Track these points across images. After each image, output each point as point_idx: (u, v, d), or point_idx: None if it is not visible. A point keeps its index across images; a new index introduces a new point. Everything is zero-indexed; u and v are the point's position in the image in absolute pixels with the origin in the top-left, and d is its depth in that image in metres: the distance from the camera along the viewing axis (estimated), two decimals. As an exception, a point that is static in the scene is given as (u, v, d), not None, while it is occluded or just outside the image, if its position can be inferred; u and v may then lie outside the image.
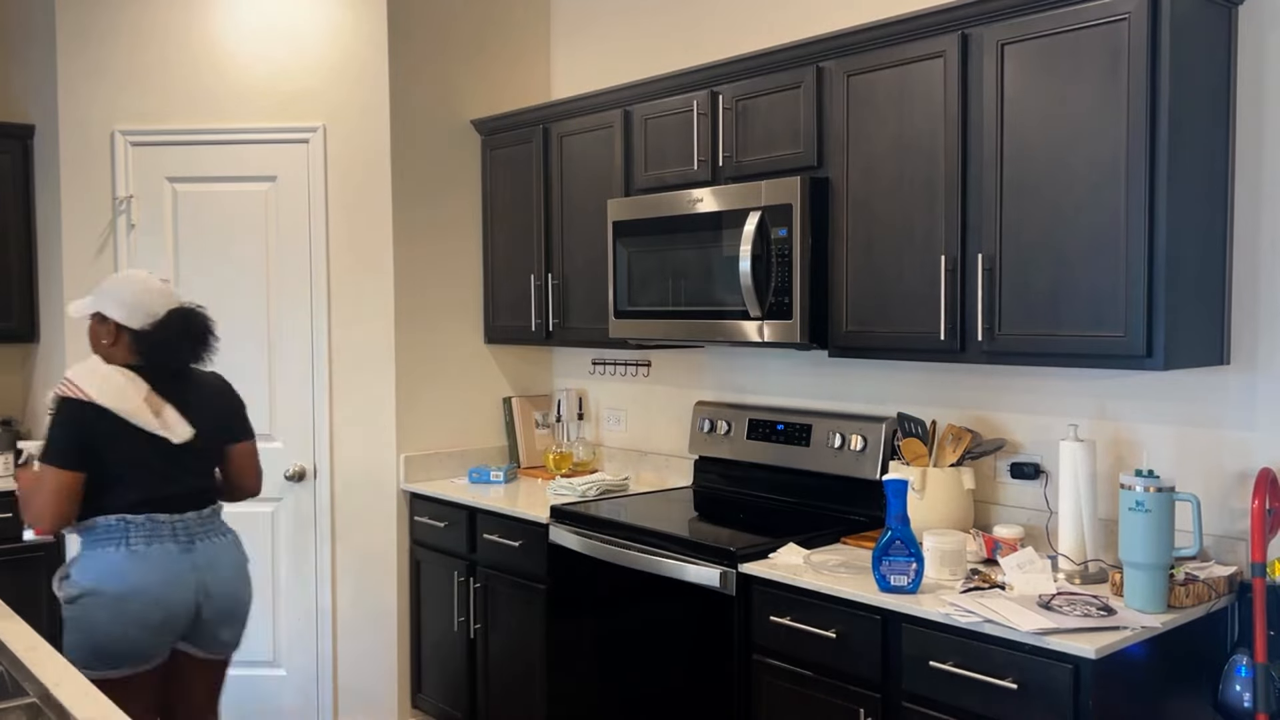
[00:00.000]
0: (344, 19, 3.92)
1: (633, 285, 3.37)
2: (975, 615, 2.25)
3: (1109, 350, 2.38)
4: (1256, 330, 2.48)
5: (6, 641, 2.05)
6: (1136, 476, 2.29)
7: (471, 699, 3.75)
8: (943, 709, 2.32)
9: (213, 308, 3.90)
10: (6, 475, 4.20)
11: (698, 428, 3.64)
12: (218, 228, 3.96)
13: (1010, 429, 2.92)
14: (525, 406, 4.28)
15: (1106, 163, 2.37)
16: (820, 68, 2.94)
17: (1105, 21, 2.35)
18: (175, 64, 3.94)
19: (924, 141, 2.70)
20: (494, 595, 3.63)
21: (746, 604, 2.74)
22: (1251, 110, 2.48)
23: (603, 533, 3.16)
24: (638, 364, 4.05)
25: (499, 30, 4.24)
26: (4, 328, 4.22)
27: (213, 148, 3.95)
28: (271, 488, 3.96)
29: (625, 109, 3.52)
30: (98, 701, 1.75)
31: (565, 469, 4.02)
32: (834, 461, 3.19)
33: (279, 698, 4.00)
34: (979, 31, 2.58)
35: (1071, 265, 2.43)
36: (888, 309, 2.78)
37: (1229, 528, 2.52)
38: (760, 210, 2.95)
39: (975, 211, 2.61)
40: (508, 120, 4.00)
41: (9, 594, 3.84)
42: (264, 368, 3.96)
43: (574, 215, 3.74)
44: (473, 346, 4.21)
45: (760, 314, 2.97)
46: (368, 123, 3.93)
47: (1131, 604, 2.28)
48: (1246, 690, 2.31)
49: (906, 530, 2.46)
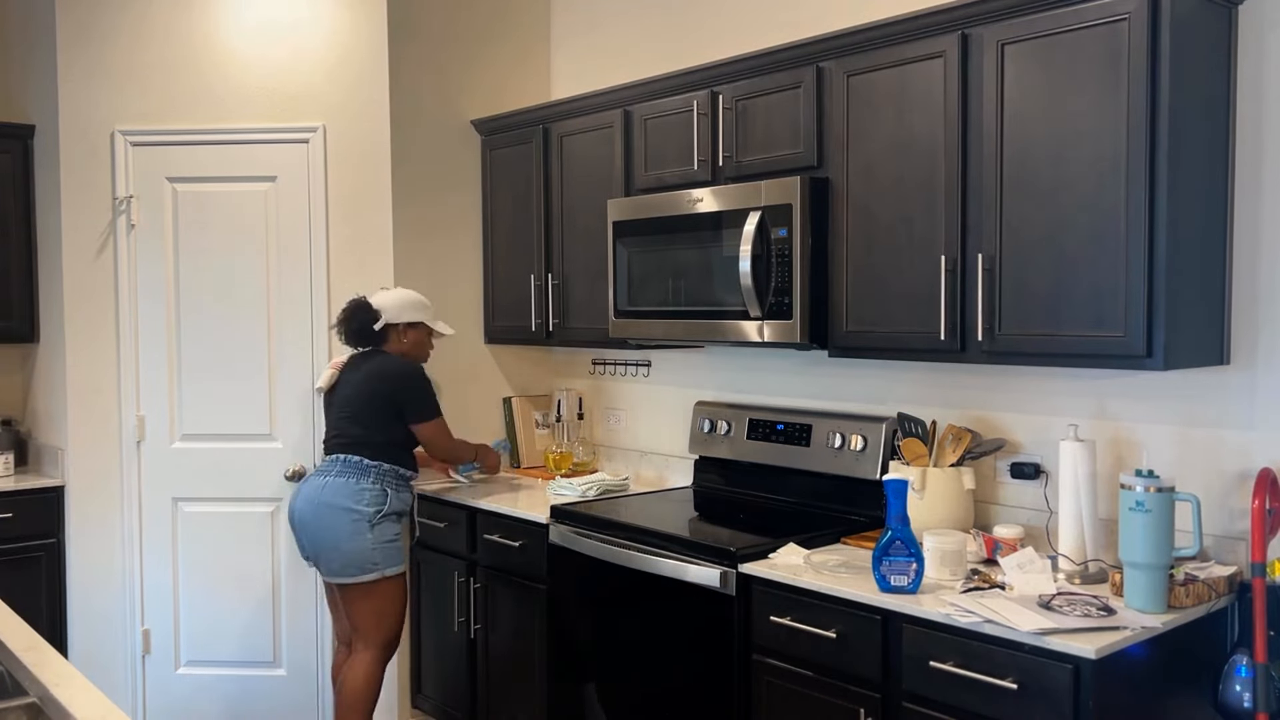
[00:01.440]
0: (344, 19, 3.92)
1: (633, 285, 3.37)
2: (975, 615, 2.25)
3: (1109, 350, 2.38)
4: (1256, 330, 2.48)
5: (6, 641, 2.05)
6: (1136, 476, 2.29)
7: (471, 699, 3.75)
8: (943, 709, 2.32)
9: (212, 308, 3.95)
10: (6, 475, 4.20)
11: (698, 428, 3.64)
12: (218, 228, 3.96)
13: (1010, 429, 2.92)
14: (525, 406, 4.28)
15: (1106, 162, 2.37)
16: (820, 68, 2.94)
17: (1105, 21, 2.35)
18: (175, 64, 3.94)
19: (924, 141, 2.70)
20: (494, 595, 3.62)
21: (746, 604, 2.74)
22: (1251, 110, 2.48)
23: (603, 533, 3.16)
24: (638, 364, 4.05)
25: (499, 30, 4.24)
26: (4, 328, 4.22)
27: (213, 148, 3.95)
28: (271, 488, 3.97)
29: (625, 109, 3.52)
30: (98, 701, 1.75)
31: (565, 469, 4.02)
32: (834, 461, 3.19)
33: (279, 698, 4.00)
34: (979, 31, 2.59)
35: (1071, 265, 2.43)
36: (888, 309, 2.78)
37: (1229, 528, 2.52)
38: (760, 210, 2.95)
39: (975, 211, 2.61)
40: (508, 120, 4.00)
41: (9, 594, 3.84)
42: (264, 367, 3.96)
43: (574, 215, 3.74)
44: (473, 346, 4.21)
45: (760, 314, 2.97)
46: (368, 123, 3.93)
47: (1131, 604, 2.28)
48: (1246, 690, 2.31)
49: (906, 530, 2.46)
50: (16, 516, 3.99)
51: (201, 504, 3.99)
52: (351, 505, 3.33)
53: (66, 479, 4.04)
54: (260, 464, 3.96)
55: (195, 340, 3.97)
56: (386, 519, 3.38)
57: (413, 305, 3.57)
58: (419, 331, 3.59)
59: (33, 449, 4.41)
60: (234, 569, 3.98)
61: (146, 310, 3.97)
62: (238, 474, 3.97)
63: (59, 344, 4.06)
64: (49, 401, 4.21)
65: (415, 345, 3.59)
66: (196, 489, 3.99)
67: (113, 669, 4.02)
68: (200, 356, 3.97)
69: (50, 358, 4.19)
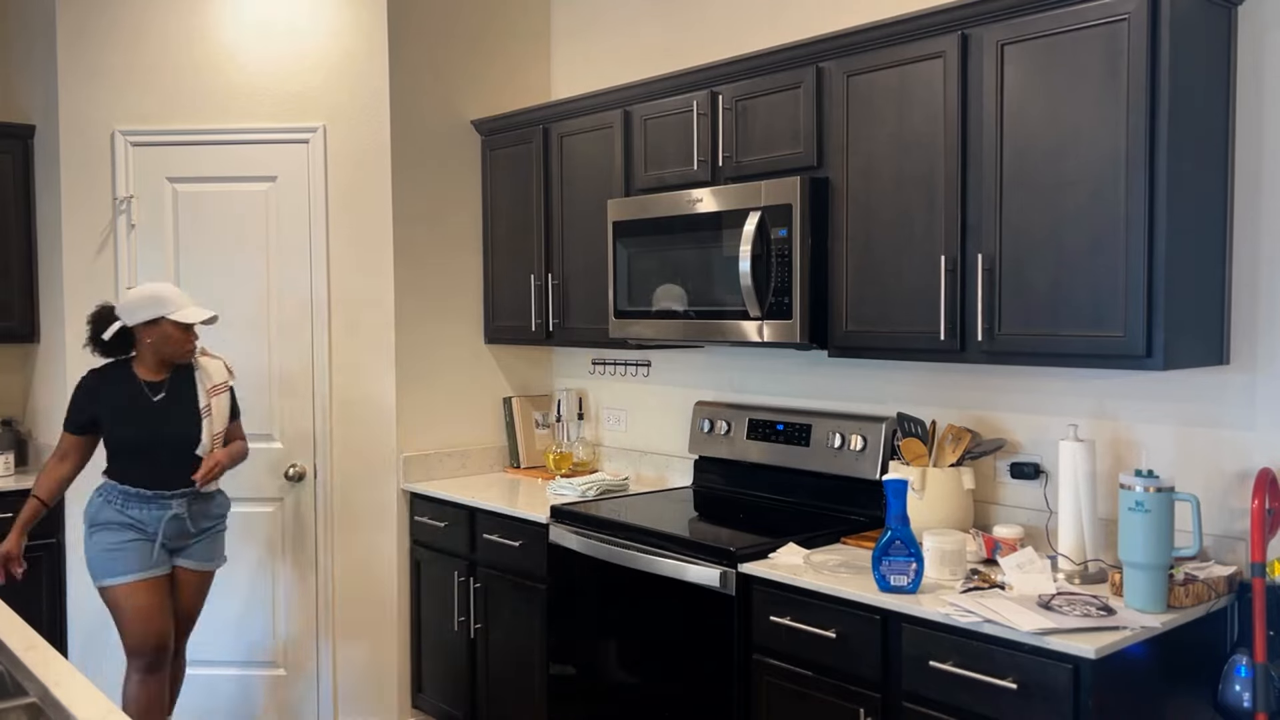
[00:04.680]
0: (344, 19, 3.92)
1: (633, 285, 3.37)
2: (975, 615, 2.25)
3: (1109, 350, 2.38)
4: (1256, 330, 2.48)
5: (6, 641, 2.05)
6: (1136, 476, 2.29)
7: (472, 699, 3.75)
8: (943, 709, 2.32)
9: (213, 308, 3.94)
10: (6, 475, 4.20)
11: (698, 428, 3.64)
12: (218, 228, 3.96)
13: (1010, 429, 2.92)
14: (525, 406, 4.28)
15: (1106, 162, 2.37)
16: (820, 68, 2.94)
17: (1105, 22, 2.35)
18: (175, 64, 3.94)
19: (924, 141, 2.70)
20: (494, 595, 3.63)
21: (746, 604, 2.74)
22: (1251, 110, 2.48)
23: (603, 532, 3.16)
24: (638, 364, 4.05)
25: (499, 30, 4.24)
26: (4, 328, 4.22)
27: (213, 148, 3.95)
28: (271, 488, 3.97)
29: (625, 109, 3.52)
30: (98, 701, 1.75)
31: (565, 469, 4.02)
32: (834, 461, 3.20)
33: (279, 698, 4.00)
34: (979, 32, 2.59)
35: (1071, 265, 2.43)
36: (887, 309, 2.78)
37: (1229, 528, 2.52)
38: (760, 210, 2.95)
39: (975, 211, 2.61)
40: (508, 120, 4.00)
41: (9, 594, 3.84)
42: (264, 367, 3.96)
43: (574, 215, 3.74)
44: (473, 346, 4.21)
45: (760, 314, 2.97)
46: (368, 123, 3.93)
47: (1131, 604, 2.29)
48: (1246, 690, 2.31)
49: (906, 530, 2.46)
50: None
51: (201, 504, 3.99)
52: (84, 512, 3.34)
53: (66, 479, 4.03)
54: (260, 464, 3.96)
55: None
56: (103, 528, 3.26)
57: (149, 301, 3.22)
58: (160, 328, 3.23)
59: (33, 449, 4.41)
60: (234, 569, 3.98)
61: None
62: (238, 474, 3.96)
63: (59, 344, 4.06)
64: (49, 401, 4.21)
65: (165, 342, 3.25)
66: (196, 489, 3.99)
67: (113, 669, 4.01)
68: (200, 356, 3.97)
69: (50, 358, 4.19)
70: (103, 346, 3.28)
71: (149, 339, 3.25)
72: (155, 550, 3.28)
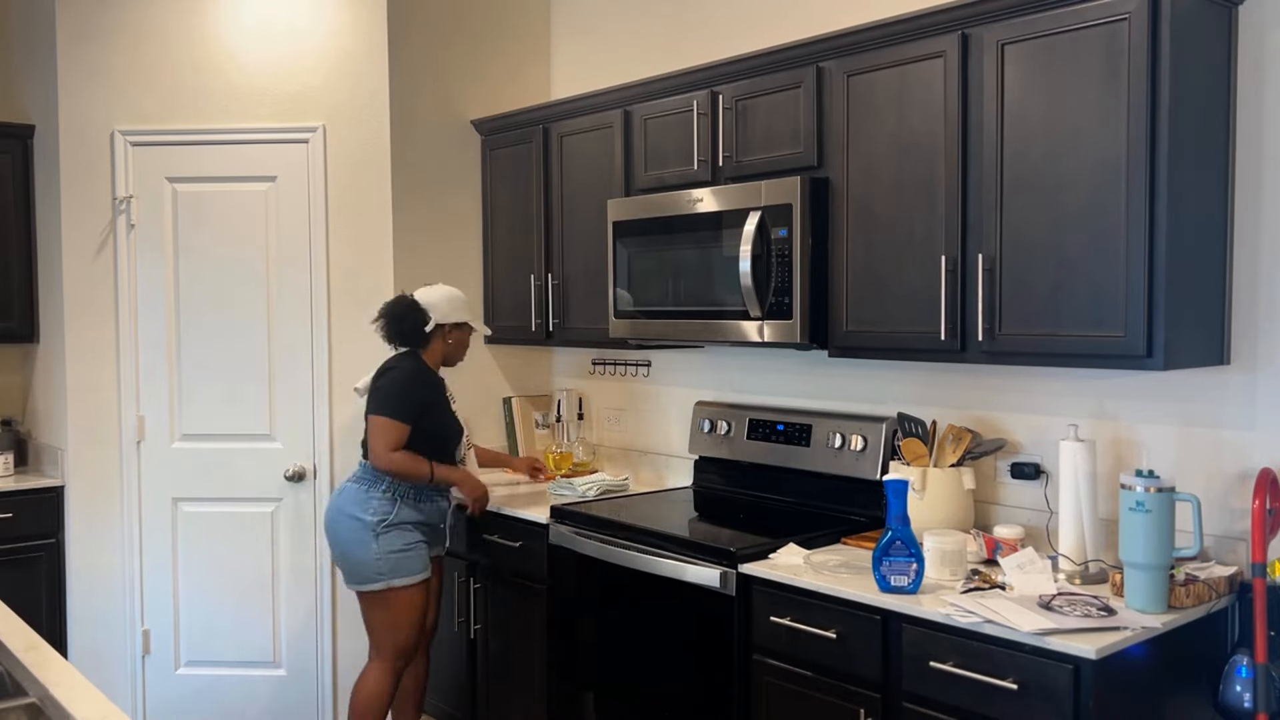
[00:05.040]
0: (344, 19, 3.92)
1: (633, 285, 3.37)
2: (975, 615, 2.25)
3: (1109, 350, 2.37)
4: (1256, 330, 2.48)
5: (6, 641, 2.05)
6: (1137, 476, 2.28)
7: (472, 699, 3.75)
8: (943, 709, 2.32)
9: (212, 308, 3.95)
10: (6, 475, 4.20)
11: (698, 428, 3.64)
12: (218, 228, 3.96)
13: (1010, 429, 2.92)
14: (525, 406, 4.28)
15: (1107, 163, 2.37)
16: (820, 68, 2.94)
17: (1105, 21, 2.35)
18: (175, 64, 3.94)
19: (924, 141, 2.70)
20: (494, 595, 3.62)
21: (746, 604, 2.74)
22: (1251, 110, 2.48)
23: (603, 533, 3.16)
24: (638, 364, 4.05)
25: (499, 30, 4.24)
26: (4, 328, 4.22)
27: (213, 148, 3.94)
28: (271, 488, 3.97)
29: (625, 109, 3.52)
30: (98, 701, 1.75)
31: (565, 469, 4.02)
32: (834, 462, 3.19)
33: (279, 698, 4.00)
34: (979, 31, 2.58)
35: (1071, 265, 2.43)
36: (888, 309, 2.78)
37: (1229, 528, 2.52)
38: (760, 210, 2.95)
39: (975, 211, 2.61)
40: (508, 120, 4.00)
41: (9, 594, 3.84)
42: (264, 368, 3.96)
43: (574, 215, 3.74)
44: (473, 346, 4.20)
45: (760, 314, 2.97)
46: (368, 123, 3.93)
47: (1132, 604, 2.28)
48: (1247, 690, 2.31)
49: (907, 530, 2.46)
50: (16, 516, 3.99)
51: (201, 504, 3.99)
52: (358, 514, 3.29)
53: (66, 479, 4.04)
54: (260, 464, 3.96)
55: (195, 340, 3.97)
56: (395, 529, 3.29)
57: (461, 304, 3.45)
58: (464, 332, 3.47)
59: (33, 449, 4.41)
60: (234, 569, 3.98)
61: (146, 310, 3.97)
62: (237, 474, 3.97)
63: (59, 344, 4.06)
64: (49, 401, 4.21)
65: (459, 346, 3.48)
66: (196, 489, 3.99)
67: (112, 669, 4.01)
68: (200, 356, 3.97)
69: (50, 358, 4.18)
70: (402, 337, 3.39)
71: (451, 339, 3.45)
72: (447, 538, 3.54)
